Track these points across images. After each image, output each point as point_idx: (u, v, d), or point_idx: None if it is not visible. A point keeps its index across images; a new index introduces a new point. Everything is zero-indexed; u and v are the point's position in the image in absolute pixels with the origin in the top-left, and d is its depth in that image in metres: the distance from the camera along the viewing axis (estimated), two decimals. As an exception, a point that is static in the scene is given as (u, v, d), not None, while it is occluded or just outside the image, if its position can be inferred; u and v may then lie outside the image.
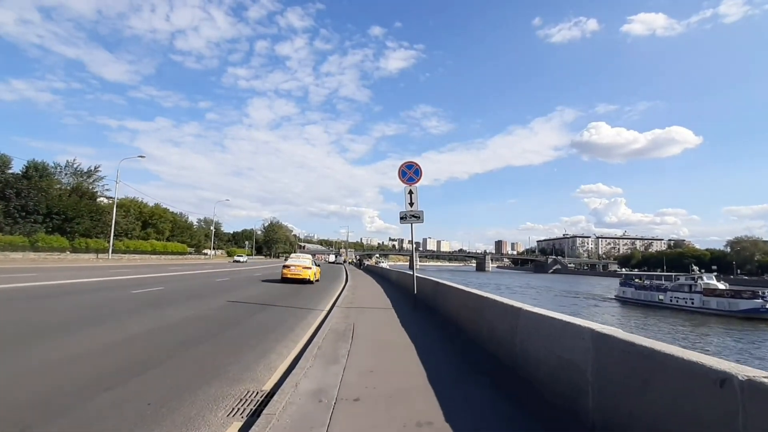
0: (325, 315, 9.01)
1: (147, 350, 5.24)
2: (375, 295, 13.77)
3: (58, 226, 34.94)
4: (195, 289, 13.53)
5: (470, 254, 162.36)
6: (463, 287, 7.16)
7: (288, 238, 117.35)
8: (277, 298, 12.37)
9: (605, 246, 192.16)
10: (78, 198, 37.32)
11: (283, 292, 14.54)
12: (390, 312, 9.36)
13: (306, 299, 12.56)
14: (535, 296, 44.43)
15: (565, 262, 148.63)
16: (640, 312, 33.48)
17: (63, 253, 31.04)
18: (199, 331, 6.75)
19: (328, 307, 10.58)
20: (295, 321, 8.22)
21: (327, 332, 6.64)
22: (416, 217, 9.87)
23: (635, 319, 29.77)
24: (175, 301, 10.11)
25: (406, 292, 14.00)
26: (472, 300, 6.19)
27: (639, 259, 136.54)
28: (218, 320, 7.90)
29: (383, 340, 6.20)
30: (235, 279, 19.80)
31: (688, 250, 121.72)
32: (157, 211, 55.16)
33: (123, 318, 7.46)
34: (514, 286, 58.61)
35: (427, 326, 7.54)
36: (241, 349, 5.63)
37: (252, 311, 9.16)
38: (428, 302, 9.89)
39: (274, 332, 6.98)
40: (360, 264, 58.53)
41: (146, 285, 13.54)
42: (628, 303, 38.94)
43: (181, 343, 5.81)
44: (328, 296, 13.84)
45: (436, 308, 8.95)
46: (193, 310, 8.90)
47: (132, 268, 23.85)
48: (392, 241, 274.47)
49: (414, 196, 9.92)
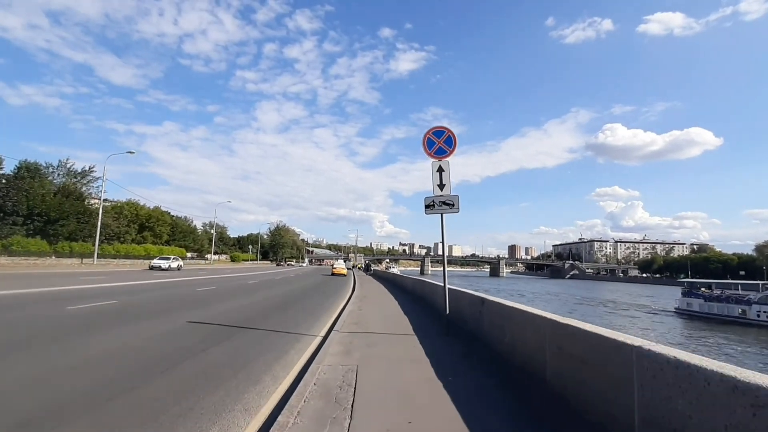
0: (316, 348, 6.10)
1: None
2: (388, 312, 10.78)
3: (40, 228, 32.54)
4: (153, 305, 10.76)
5: (483, 259, 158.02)
6: (543, 313, 4.19)
7: (295, 243, 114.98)
8: (260, 315, 9.50)
9: (624, 250, 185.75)
10: (63, 198, 34.96)
11: (269, 305, 11.69)
12: (412, 343, 6.38)
13: (296, 318, 9.65)
14: (567, 307, 38.96)
15: (583, 267, 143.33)
16: (722, 331, 26.51)
17: (42, 258, 28.76)
18: (95, 386, 3.88)
19: (323, 332, 7.66)
20: (267, 363, 5.29)
21: (310, 393, 3.73)
22: (449, 204, 6.92)
23: (742, 344, 22.74)
24: (106, 325, 7.31)
25: (429, 308, 10.96)
26: (580, 342, 3.20)
27: (661, 264, 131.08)
28: (146, 362, 5.02)
29: (409, 408, 3.26)
30: (230, 286, 17.04)
31: (714, 254, 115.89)
32: (155, 213, 53.16)
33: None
34: (535, 293, 54.78)
35: (478, 378, 4.54)
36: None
37: (212, 338, 6.29)
38: (468, 328, 6.89)
39: (222, 386, 4.08)
40: (367, 269, 55.49)
41: (96, 297, 10.80)
42: (697, 318, 32.24)
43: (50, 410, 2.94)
44: (326, 314, 10.92)
45: (484, 338, 5.94)
46: (118, 340, 6.06)
47: (109, 275, 21.33)
48: (402, 245, 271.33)
49: (445, 176, 6.99)
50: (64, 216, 34.17)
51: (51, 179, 38.22)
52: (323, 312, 10.77)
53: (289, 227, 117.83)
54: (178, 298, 11.93)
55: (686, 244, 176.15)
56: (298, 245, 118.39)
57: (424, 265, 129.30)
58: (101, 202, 33.23)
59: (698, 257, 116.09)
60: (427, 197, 7.04)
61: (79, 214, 35.69)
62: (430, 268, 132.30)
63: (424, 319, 8.99)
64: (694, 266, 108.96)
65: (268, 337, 6.83)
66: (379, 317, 9.24)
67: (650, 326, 28.85)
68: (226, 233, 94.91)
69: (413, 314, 9.73)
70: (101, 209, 32.01)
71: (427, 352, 5.58)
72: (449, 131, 7.06)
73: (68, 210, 34.56)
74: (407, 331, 7.33)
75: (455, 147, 7.02)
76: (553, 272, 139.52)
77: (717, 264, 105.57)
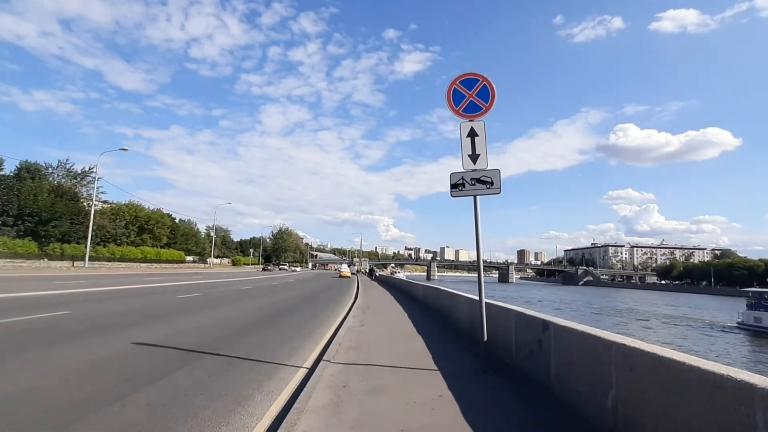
0: (292, 394, 4.06)
1: None
2: (397, 330, 8.71)
3: (31, 229, 30.77)
4: (109, 318, 8.83)
5: (492, 264, 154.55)
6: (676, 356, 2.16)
7: (298, 246, 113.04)
8: (238, 331, 7.50)
9: (641, 256, 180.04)
10: (55, 198, 33.11)
11: (252, 319, 9.71)
12: (436, 389, 4.29)
13: (280, 336, 7.63)
14: (588, 317, 34.50)
15: (597, 273, 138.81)
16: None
17: (31, 260, 27.02)
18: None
19: (309, 361, 5.60)
20: (202, 429, 3.26)
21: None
22: (485, 182, 4.87)
23: None
24: (15, 348, 5.36)
25: (448, 324, 8.85)
26: None
27: (681, 271, 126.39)
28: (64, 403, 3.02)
29: None
30: (217, 293, 15.10)
31: (738, 260, 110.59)
32: (154, 215, 51.38)
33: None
34: (549, 301, 51.97)
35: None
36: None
37: (150, 372, 4.28)
38: (517, 362, 4.76)
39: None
40: (371, 274, 53.23)
41: (44, 307, 8.89)
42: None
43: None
44: (319, 330, 8.90)
45: (552, 387, 3.80)
46: (5, 377, 4.09)
47: (94, 279, 19.56)
48: (408, 250, 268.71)
49: (479, 143, 4.95)
50: (56, 216, 32.42)
51: (51, 180, 36.95)
52: (316, 327, 8.71)
53: (292, 230, 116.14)
54: (147, 308, 9.98)
55: (707, 250, 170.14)
56: (302, 249, 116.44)
57: (430, 270, 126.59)
58: (94, 202, 31.55)
59: (722, 263, 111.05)
60: (454, 173, 5.00)
61: (73, 214, 33.92)
62: (436, 273, 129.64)
63: (445, 342, 6.89)
64: (717, 273, 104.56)
65: (231, 370, 4.80)
66: (385, 338, 7.17)
67: (736, 350, 22.69)
68: (229, 237, 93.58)
69: (430, 334, 7.63)
70: (93, 210, 30.27)
71: (464, 408, 3.49)
72: (484, 79, 5.02)
73: (61, 210, 32.80)
74: (426, 363, 5.24)
75: (494, 101, 4.99)
76: (566, 278, 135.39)
77: (742, 270, 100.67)
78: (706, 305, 52.55)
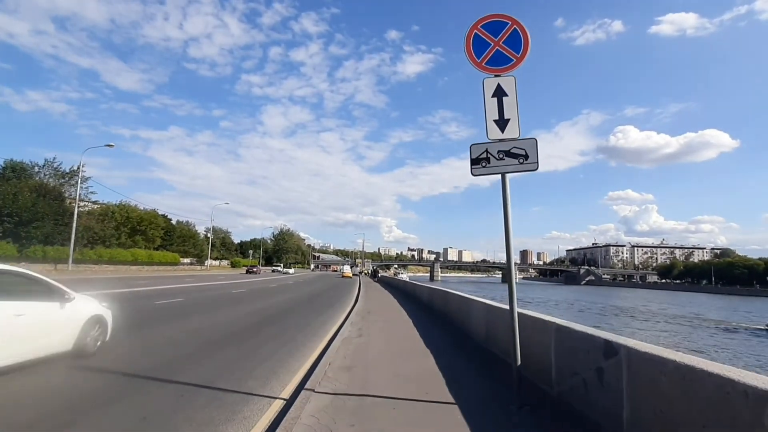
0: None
1: None
2: (401, 341, 7.54)
3: (10, 230, 29.38)
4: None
5: (495, 265, 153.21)
6: None
7: (300, 248, 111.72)
8: (212, 345, 6.33)
9: (641, 255, 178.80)
10: (38, 198, 31.55)
11: (231, 330, 8.55)
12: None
13: (259, 352, 6.45)
14: (599, 318, 32.47)
15: (599, 272, 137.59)
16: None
17: (8, 263, 25.55)
18: None
19: (289, 389, 4.41)
20: None
21: None
22: (516, 155, 3.69)
23: None
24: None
25: (461, 334, 7.66)
26: None
27: (681, 270, 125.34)
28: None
29: None
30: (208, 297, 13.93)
31: (738, 259, 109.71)
32: (147, 216, 49.97)
33: None
34: (553, 301, 50.59)
35: None
36: None
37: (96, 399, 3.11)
38: (563, 395, 3.52)
39: None
40: (374, 275, 52.26)
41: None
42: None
43: None
44: (311, 342, 7.74)
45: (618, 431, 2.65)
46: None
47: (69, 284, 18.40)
48: (411, 251, 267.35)
49: (509, 104, 3.76)
50: (38, 217, 30.88)
51: (39, 179, 35.74)
52: (307, 338, 7.52)
53: (293, 232, 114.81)
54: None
55: (706, 249, 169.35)
56: (303, 250, 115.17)
57: (433, 271, 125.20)
58: (77, 201, 30.25)
59: (722, 262, 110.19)
60: (476, 145, 3.82)
61: (57, 215, 32.37)
62: (440, 274, 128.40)
63: (459, 358, 5.69)
64: (717, 272, 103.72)
65: (178, 408, 3.61)
66: (386, 353, 5.97)
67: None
68: (229, 238, 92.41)
69: (439, 348, 6.44)
70: (76, 209, 28.99)
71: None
72: (514, 22, 3.84)
73: (43, 211, 31.27)
74: (438, 392, 4.05)
75: (527, 51, 3.82)
76: (568, 278, 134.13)
77: (743, 269, 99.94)
78: (714, 305, 51.21)
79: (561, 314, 30.95)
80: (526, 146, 3.66)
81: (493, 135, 3.74)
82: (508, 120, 3.72)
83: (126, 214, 45.86)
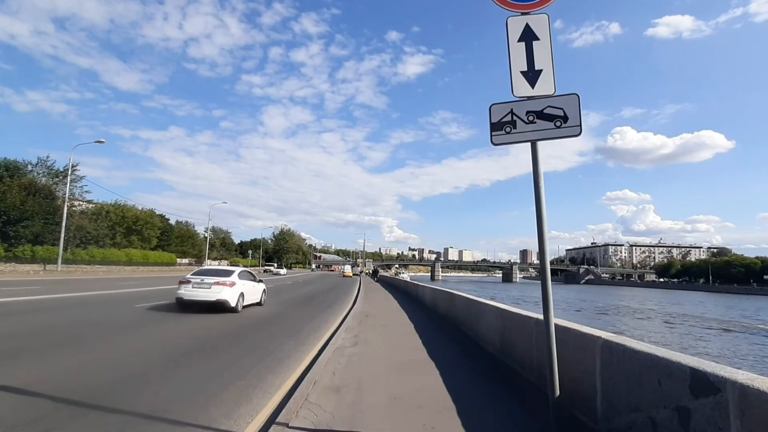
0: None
1: None
2: (402, 352, 6.68)
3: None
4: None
5: (496, 264, 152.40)
6: None
7: (300, 248, 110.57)
8: (170, 362, 5.44)
9: (639, 255, 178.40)
10: (27, 196, 30.36)
11: (208, 336, 7.67)
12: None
13: (219, 374, 5.57)
14: (608, 320, 30.40)
15: (598, 272, 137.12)
16: None
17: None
18: None
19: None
20: None
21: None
22: (551, 116, 2.80)
23: None
24: None
25: (470, 345, 6.77)
26: None
27: (679, 269, 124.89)
28: None
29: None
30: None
31: (735, 258, 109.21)
32: (143, 216, 48.65)
33: None
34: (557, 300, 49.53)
35: None
36: None
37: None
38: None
39: None
40: (375, 275, 51.58)
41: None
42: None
43: None
44: (296, 353, 6.87)
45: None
46: None
47: (51, 285, 17.43)
48: (412, 251, 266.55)
49: (540, 50, 2.87)
50: (27, 216, 29.74)
51: (32, 178, 34.73)
52: (293, 348, 6.62)
53: (294, 232, 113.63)
54: (74, 325, 7.93)
55: (703, 248, 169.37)
56: (304, 250, 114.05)
57: (434, 271, 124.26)
58: (67, 198, 29.18)
59: (719, 261, 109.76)
60: (497, 105, 2.93)
61: (48, 214, 31.17)
62: (440, 273, 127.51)
63: (472, 376, 4.80)
64: (714, 270, 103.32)
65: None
66: (384, 368, 5.07)
67: None
68: (229, 238, 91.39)
69: (447, 361, 5.55)
70: (65, 207, 27.95)
71: None
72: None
73: (32, 209, 30.10)
74: (449, 425, 3.16)
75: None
76: (568, 277, 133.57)
77: (739, 268, 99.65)
78: (718, 303, 50.31)
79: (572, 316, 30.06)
80: (565, 104, 2.78)
81: (520, 91, 2.85)
82: (539, 71, 2.84)
83: (121, 214, 44.79)
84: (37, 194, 31.40)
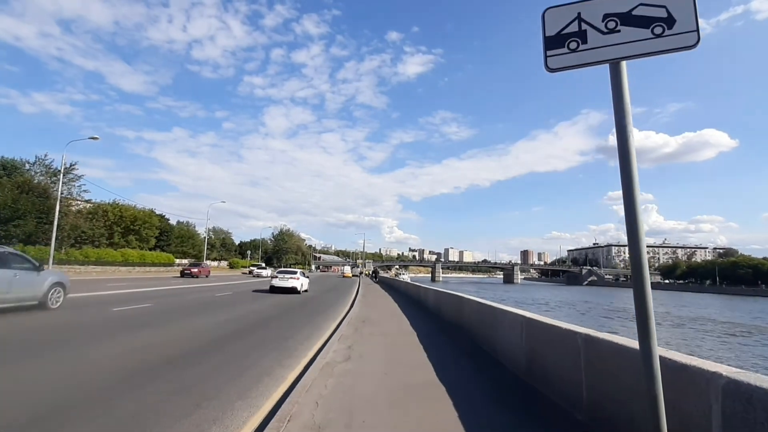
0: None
1: None
2: (406, 374, 5.62)
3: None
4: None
5: (497, 265, 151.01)
6: None
7: (300, 248, 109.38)
8: (122, 383, 4.39)
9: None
10: (20, 194, 29.27)
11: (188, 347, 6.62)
12: None
13: (177, 403, 4.50)
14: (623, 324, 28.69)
15: (601, 273, 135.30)
16: None
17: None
18: None
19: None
20: None
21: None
22: (647, 19, 1.74)
23: None
24: None
25: (486, 360, 5.68)
26: None
27: (684, 270, 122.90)
28: None
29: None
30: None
31: (742, 259, 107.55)
32: (141, 216, 47.33)
33: None
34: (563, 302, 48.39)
35: None
36: None
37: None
38: None
39: None
40: (374, 276, 50.70)
41: None
42: None
43: None
44: (277, 372, 5.81)
45: None
46: None
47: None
48: (412, 251, 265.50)
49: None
50: (19, 215, 28.69)
51: (28, 177, 33.74)
52: (278, 363, 5.57)
53: (294, 232, 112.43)
54: (32, 331, 6.91)
55: (709, 249, 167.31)
56: (304, 251, 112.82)
57: (435, 272, 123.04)
58: (59, 196, 27.96)
59: (726, 262, 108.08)
60: (555, 8, 1.87)
61: (42, 213, 29.99)
62: (441, 274, 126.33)
63: (496, 411, 3.73)
64: (721, 272, 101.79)
65: None
66: (382, 394, 3.99)
67: None
68: (230, 238, 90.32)
69: (461, 385, 4.48)
70: (58, 206, 26.83)
71: None
72: None
73: (24, 208, 29.01)
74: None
75: None
76: (570, 278, 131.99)
77: (747, 269, 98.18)
78: (730, 306, 49.07)
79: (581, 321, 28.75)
80: (671, 2, 1.74)
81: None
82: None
83: (119, 213, 43.77)
84: (31, 192, 30.34)
